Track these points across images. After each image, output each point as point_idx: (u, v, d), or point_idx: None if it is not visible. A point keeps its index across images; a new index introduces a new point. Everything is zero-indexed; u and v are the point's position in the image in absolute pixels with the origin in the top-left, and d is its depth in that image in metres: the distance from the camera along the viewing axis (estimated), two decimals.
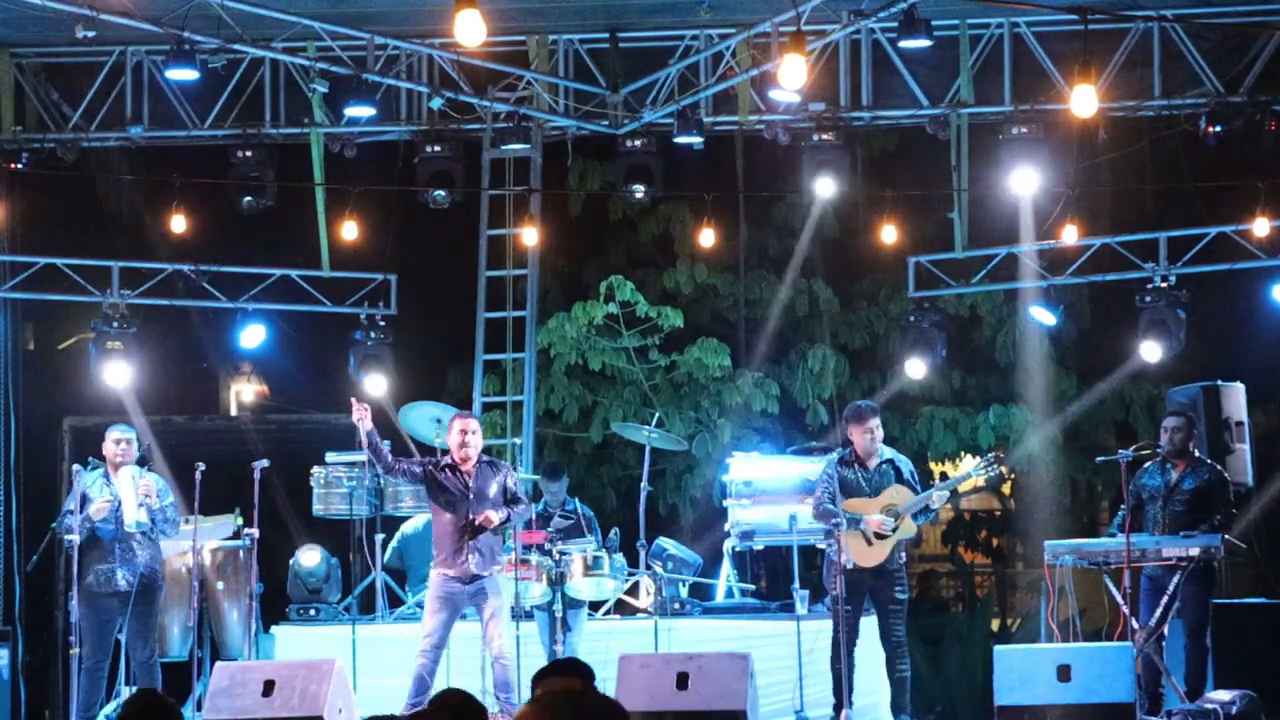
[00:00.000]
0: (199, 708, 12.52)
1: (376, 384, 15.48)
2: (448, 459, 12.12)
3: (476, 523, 11.88)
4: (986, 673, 12.38)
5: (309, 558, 14.22)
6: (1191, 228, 15.12)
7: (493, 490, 12.00)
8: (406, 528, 14.51)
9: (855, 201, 16.21)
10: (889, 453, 12.52)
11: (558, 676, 6.65)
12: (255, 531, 12.68)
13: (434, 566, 12.05)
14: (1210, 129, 14.38)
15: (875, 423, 12.45)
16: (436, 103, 14.80)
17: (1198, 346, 15.43)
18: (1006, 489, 19.69)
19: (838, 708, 12.23)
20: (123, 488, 12.54)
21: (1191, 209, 15.09)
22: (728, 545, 14.24)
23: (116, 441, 12.70)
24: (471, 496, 11.93)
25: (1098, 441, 17.25)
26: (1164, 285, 15.01)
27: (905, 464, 12.52)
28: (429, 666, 11.89)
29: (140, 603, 12.54)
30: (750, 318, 17.51)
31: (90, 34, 13.20)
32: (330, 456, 14.34)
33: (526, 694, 12.31)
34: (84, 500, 12.42)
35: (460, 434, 12.05)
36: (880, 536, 12.17)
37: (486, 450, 13.57)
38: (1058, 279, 15.55)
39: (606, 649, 12.83)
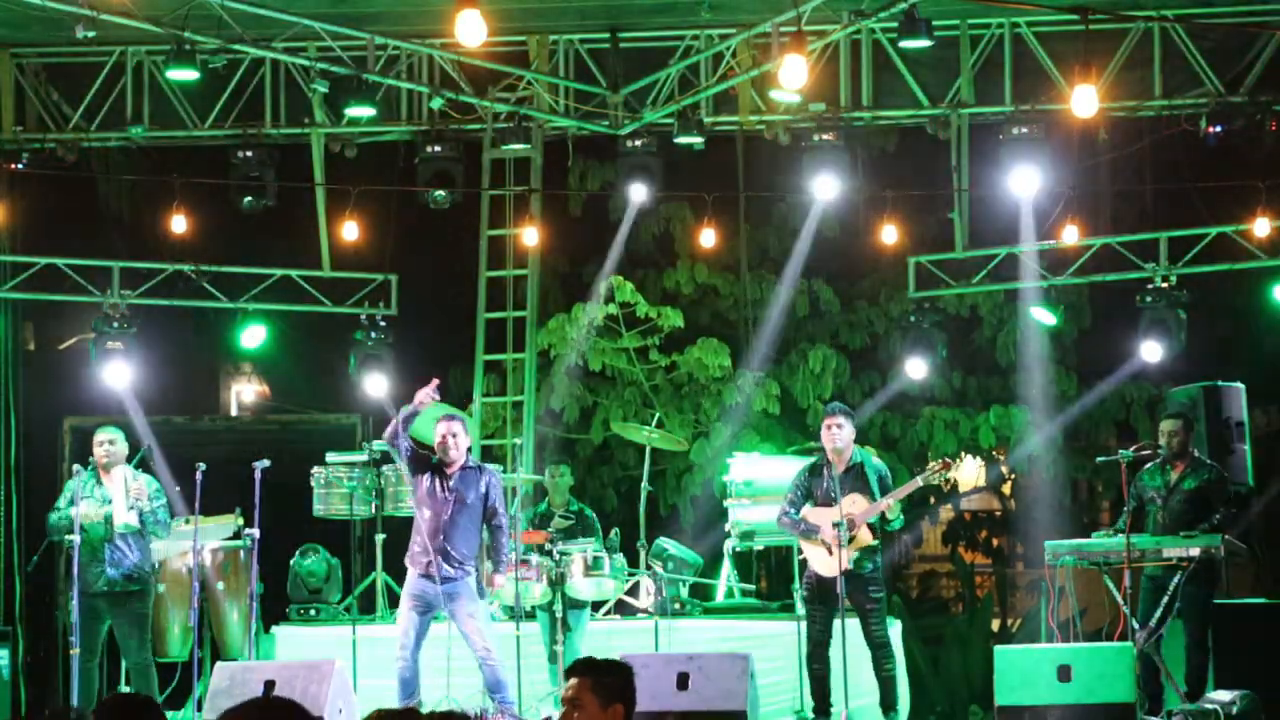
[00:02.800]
0: (199, 708, 12.53)
1: (376, 384, 15.48)
2: (437, 458, 12.11)
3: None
4: (986, 673, 12.38)
5: (309, 558, 14.22)
6: (1191, 228, 15.11)
7: (472, 496, 11.98)
8: None
9: (855, 201, 16.20)
10: (861, 456, 12.46)
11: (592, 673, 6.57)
12: (255, 531, 12.70)
13: (408, 563, 12.05)
14: (1210, 129, 14.39)
15: (832, 421, 12.38)
16: (437, 103, 14.81)
17: (1198, 346, 15.42)
18: (1006, 489, 19.69)
19: (817, 710, 12.24)
20: (114, 489, 12.61)
21: (1191, 209, 15.08)
22: (728, 545, 14.24)
23: (100, 443, 12.81)
24: (451, 499, 11.90)
25: (1098, 441, 17.25)
26: (1164, 285, 15.01)
27: (874, 469, 12.40)
28: (410, 666, 11.89)
29: (129, 604, 12.63)
30: (750, 318, 17.49)
31: (90, 34, 13.20)
32: (330, 456, 14.35)
33: (527, 690, 12.36)
34: (72, 500, 12.50)
35: (442, 437, 12.01)
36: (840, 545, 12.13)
37: (487, 451, 13.59)
38: (1058, 279, 15.56)
39: (607, 649, 12.83)
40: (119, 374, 15.27)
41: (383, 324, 15.64)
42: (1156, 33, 14.45)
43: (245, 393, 20.01)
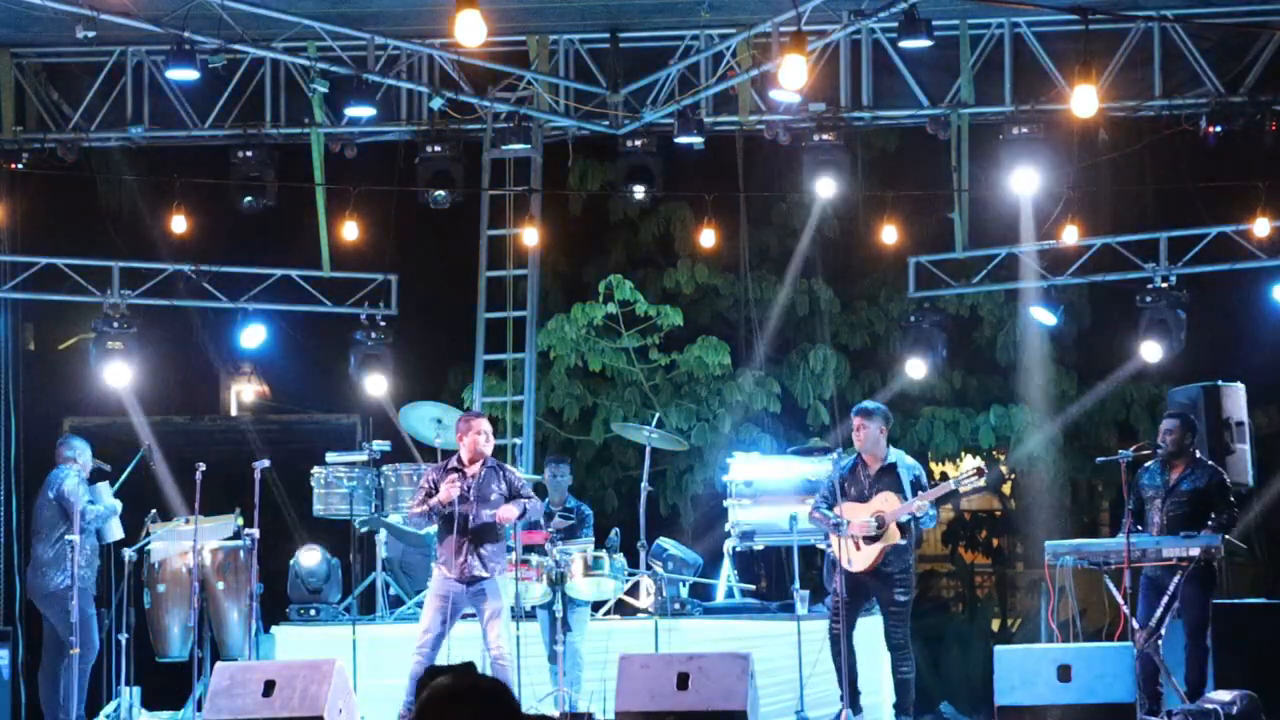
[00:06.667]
0: (199, 708, 12.53)
1: (376, 384, 15.49)
2: (452, 461, 12.11)
3: (497, 519, 11.89)
4: (986, 673, 12.38)
5: (309, 558, 14.23)
6: (1191, 228, 15.12)
7: (494, 493, 12.00)
8: None
9: (855, 201, 16.21)
10: (895, 456, 12.47)
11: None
12: (255, 531, 12.70)
13: (435, 565, 12.06)
14: (1210, 129, 14.38)
15: (855, 422, 12.42)
16: (437, 103, 14.80)
17: (1198, 346, 15.43)
18: (1007, 489, 19.69)
19: (850, 704, 12.23)
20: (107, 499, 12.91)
21: (1191, 209, 15.09)
22: (728, 545, 14.24)
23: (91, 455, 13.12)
24: (474, 498, 11.92)
25: (1098, 441, 17.25)
26: (1164, 285, 15.02)
27: (909, 469, 12.41)
28: (426, 665, 11.88)
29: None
30: (750, 318, 17.50)
31: (90, 34, 13.21)
32: (330, 456, 14.34)
33: (527, 690, 12.37)
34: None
35: (476, 434, 12.03)
36: (869, 541, 12.17)
37: None
38: (1058, 279, 15.56)
39: (607, 649, 12.85)
40: (119, 374, 15.28)
41: (383, 324, 15.65)
42: (1156, 33, 14.45)
43: (245, 393, 20.01)
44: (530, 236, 15.31)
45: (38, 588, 13.40)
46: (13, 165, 15.19)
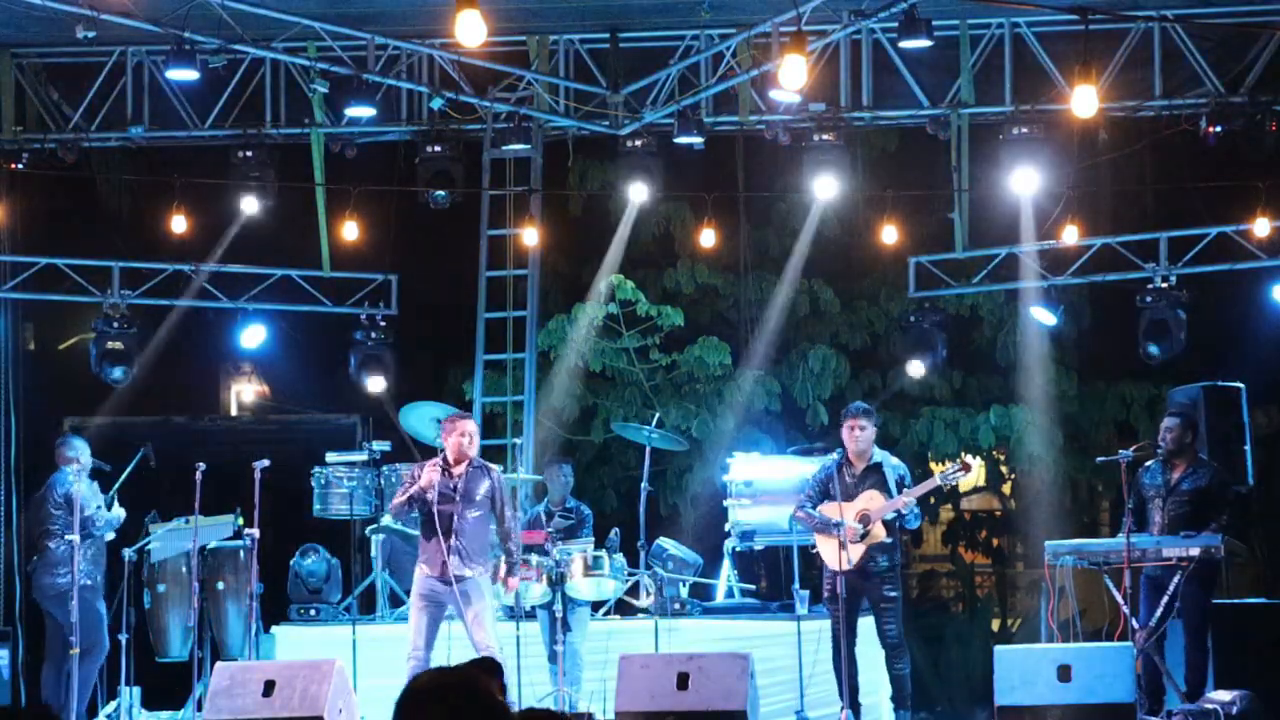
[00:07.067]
0: (199, 708, 12.54)
1: (376, 384, 15.49)
2: (439, 459, 12.10)
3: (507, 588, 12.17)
4: (986, 673, 12.38)
5: (309, 558, 14.23)
6: (1191, 228, 15.12)
7: (479, 494, 11.98)
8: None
9: (855, 201, 16.20)
10: (880, 456, 12.48)
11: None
12: (255, 531, 12.70)
13: (417, 565, 12.06)
14: (1211, 129, 14.38)
15: (854, 423, 12.42)
16: (437, 103, 14.80)
17: (1198, 346, 15.43)
18: (1007, 489, 19.69)
19: (849, 706, 12.24)
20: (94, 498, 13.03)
21: (1191, 209, 15.09)
22: (728, 545, 14.24)
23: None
24: (458, 497, 11.91)
25: (1098, 441, 17.25)
26: (1164, 285, 15.01)
27: (894, 469, 12.41)
28: (422, 666, 11.88)
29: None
30: (751, 318, 17.49)
31: (90, 34, 13.21)
32: (330, 456, 14.35)
33: (527, 690, 12.38)
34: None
35: (460, 436, 12.03)
36: (855, 540, 12.16)
37: (487, 451, 13.59)
38: (1058, 279, 15.56)
39: (607, 649, 12.85)
40: (119, 374, 15.28)
41: (383, 324, 15.66)
42: (1156, 33, 14.45)
43: (245, 393, 20.01)
44: (530, 236, 15.31)
45: (48, 587, 13.36)
46: (13, 165, 15.20)
